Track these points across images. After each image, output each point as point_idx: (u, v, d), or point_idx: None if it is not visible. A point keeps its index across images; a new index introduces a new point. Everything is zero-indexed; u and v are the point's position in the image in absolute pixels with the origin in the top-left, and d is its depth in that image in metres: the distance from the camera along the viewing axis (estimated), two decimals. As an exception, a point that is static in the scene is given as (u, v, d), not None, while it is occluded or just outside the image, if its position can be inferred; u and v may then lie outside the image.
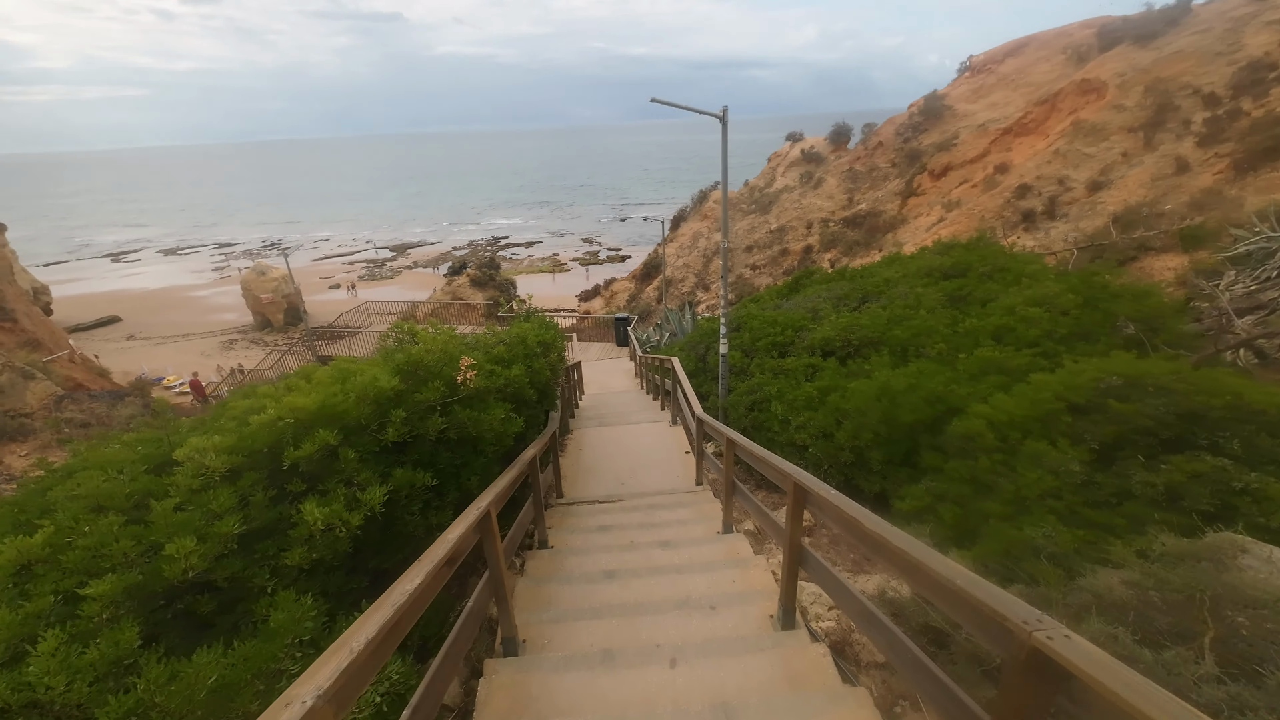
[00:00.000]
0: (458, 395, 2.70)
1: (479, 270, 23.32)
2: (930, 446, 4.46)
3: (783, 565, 2.70)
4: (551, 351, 4.80)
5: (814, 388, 5.39)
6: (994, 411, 4.22)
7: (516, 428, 3.22)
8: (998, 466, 3.83)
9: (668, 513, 4.65)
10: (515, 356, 4.11)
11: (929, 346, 5.97)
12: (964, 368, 5.16)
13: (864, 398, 4.79)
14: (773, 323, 7.63)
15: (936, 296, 7.61)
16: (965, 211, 14.57)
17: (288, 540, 1.98)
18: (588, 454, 6.44)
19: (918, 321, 6.64)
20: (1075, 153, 13.31)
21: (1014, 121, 16.85)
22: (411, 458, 2.58)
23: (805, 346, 6.79)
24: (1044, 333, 5.58)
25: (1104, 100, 13.88)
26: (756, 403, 6.01)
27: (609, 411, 8.68)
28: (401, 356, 2.62)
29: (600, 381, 12.99)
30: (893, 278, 9.15)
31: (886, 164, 21.79)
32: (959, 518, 3.71)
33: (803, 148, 29.61)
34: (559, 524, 4.51)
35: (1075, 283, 6.66)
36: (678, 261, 25.08)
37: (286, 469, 2.18)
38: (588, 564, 3.62)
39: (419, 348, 2.63)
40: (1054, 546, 3.05)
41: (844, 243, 18.87)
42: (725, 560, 3.55)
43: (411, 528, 2.42)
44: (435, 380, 2.61)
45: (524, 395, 3.90)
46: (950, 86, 22.38)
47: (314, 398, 2.27)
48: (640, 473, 5.88)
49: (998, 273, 8.03)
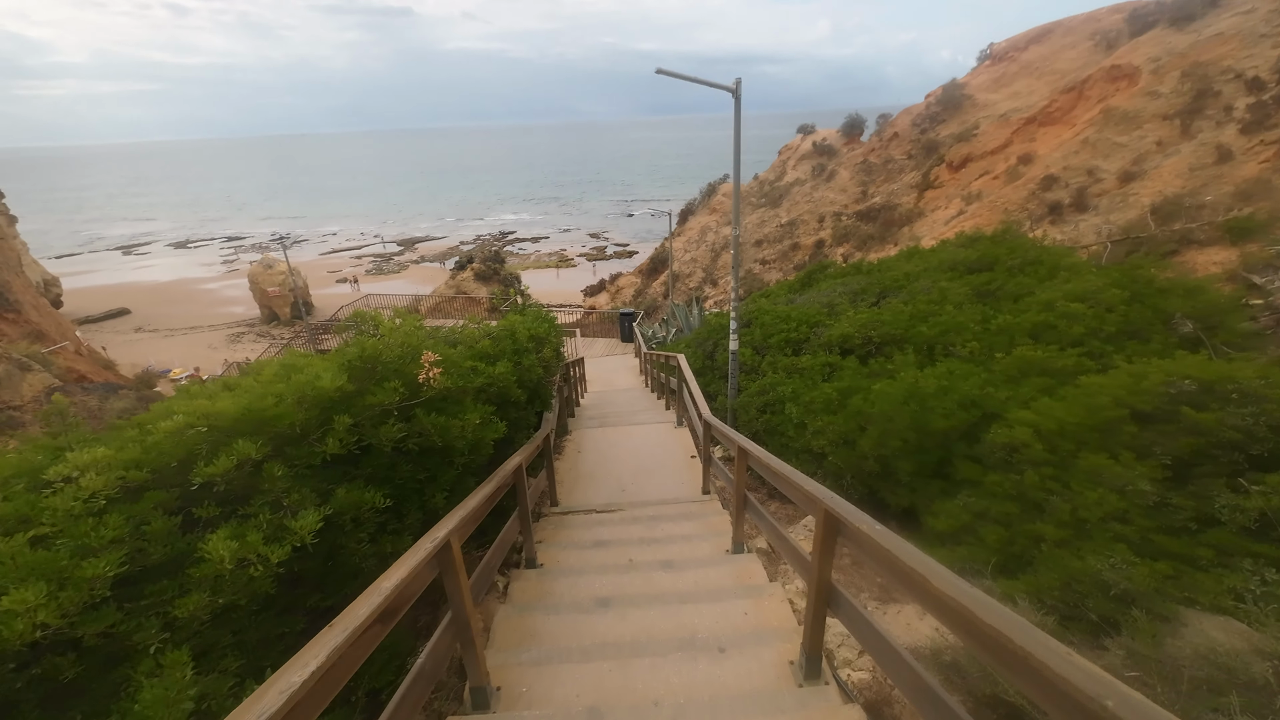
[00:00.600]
0: (420, 397, 2.27)
1: (483, 264, 22.96)
2: (965, 456, 3.99)
3: (808, 604, 2.25)
4: (545, 346, 4.37)
5: (833, 389, 4.92)
6: (1040, 418, 3.73)
7: (496, 433, 2.80)
8: (1048, 482, 3.35)
9: (671, 526, 4.21)
10: (502, 352, 3.69)
11: (959, 345, 5.48)
12: (1001, 369, 4.67)
13: (890, 401, 4.31)
14: (786, 318, 7.15)
15: (963, 291, 7.09)
16: (987, 204, 13.93)
17: (188, 581, 1.57)
18: (587, 457, 6.02)
19: (945, 318, 6.13)
20: (1105, 142, 12.61)
21: (1038, 110, 16.11)
22: (365, 472, 2.16)
23: (822, 344, 6.31)
24: (1088, 330, 5.06)
25: (1136, 86, 13.14)
26: (769, 404, 5.55)
27: (611, 411, 8.26)
28: (354, 350, 2.21)
29: (604, 379, 12.57)
30: (913, 272, 8.62)
31: (902, 156, 21.06)
32: (1004, 540, 3.25)
33: (814, 140, 28.89)
34: (551, 537, 4.10)
35: (1118, 277, 6.11)
36: (685, 256, 24.56)
37: (197, 489, 1.77)
38: (580, 588, 3.20)
39: (374, 340, 2.22)
40: (1126, 581, 2.58)
41: (857, 237, 18.24)
42: (736, 587, 3.11)
43: (360, 558, 2.00)
44: (393, 380, 2.18)
45: (510, 395, 3.48)
46: (970, 75, 21.54)
47: (237, 400, 1.86)
48: (642, 479, 5.45)
49: (1028, 266, 7.48)
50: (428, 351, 2.23)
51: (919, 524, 3.89)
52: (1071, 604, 2.66)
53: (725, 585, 3.16)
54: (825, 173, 23.74)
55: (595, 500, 4.98)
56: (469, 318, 3.82)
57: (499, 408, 3.52)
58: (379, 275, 46.70)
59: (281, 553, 1.67)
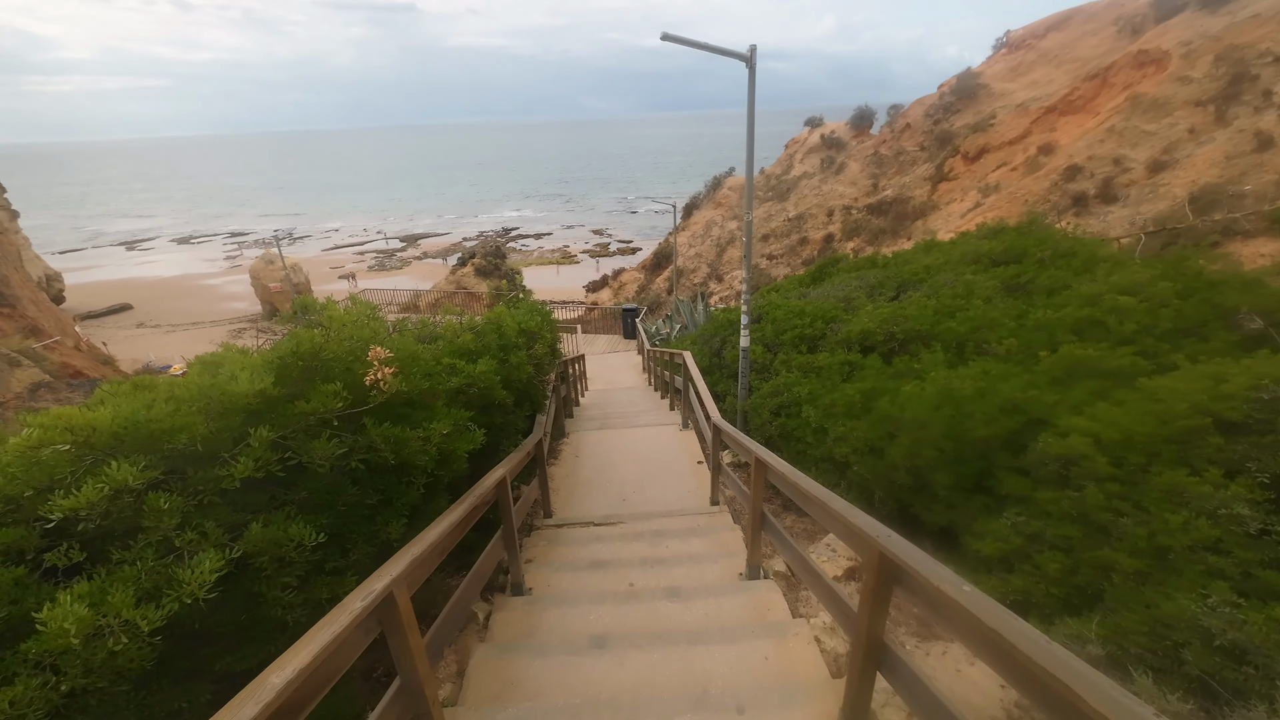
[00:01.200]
0: (370, 403, 1.84)
1: (484, 259, 22.56)
2: (1010, 469, 3.52)
3: (852, 662, 1.82)
4: (538, 342, 3.93)
5: (856, 390, 4.45)
6: (1100, 426, 3.26)
7: (472, 444, 2.36)
8: (1116, 501, 2.89)
9: (678, 543, 3.78)
10: (486, 348, 3.25)
11: (993, 342, 5.00)
12: (1045, 369, 4.18)
13: (922, 405, 3.85)
14: (800, 313, 6.68)
15: (991, 285, 6.59)
16: (1006, 196, 13.35)
17: (10, 663, 1.14)
18: (586, 462, 5.59)
19: (974, 312, 5.65)
20: (1133, 130, 12.01)
21: (1059, 99, 15.46)
22: (299, 497, 1.73)
23: (840, 341, 5.84)
24: (1140, 327, 4.57)
25: (1166, 72, 12.51)
26: (783, 407, 5.10)
27: (613, 411, 7.83)
28: (288, 344, 1.77)
29: (606, 377, 12.15)
30: (933, 265, 8.13)
31: (915, 147, 20.42)
32: (1066, 569, 2.79)
33: (822, 133, 28.24)
34: (543, 555, 3.67)
35: (1164, 270, 5.60)
36: (690, 251, 24.05)
37: (65, 526, 1.34)
38: (572, 621, 2.77)
39: (314, 333, 1.80)
40: (1233, 630, 2.12)
41: (868, 230, 17.68)
42: (754, 624, 2.67)
43: (284, 609, 1.57)
44: (334, 382, 1.75)
45: (494, 397, 3.04)
46: (986, 64, 20.83)
47: (117, 409, 1.43)
48: (646, 487, 5.02)
49: (1060, 258, 6.98)
50: (375, 347, 1.79)
51: (958, 545, 3.44)
52: (1163, 653, 2.21)
53: (741, 620, 2.72)
54: (834, 165, 23.11)
55: (593, 511, 4.55)
56: (446, 308, 3.38)
57: (482, 411, 3.08)
58: (381, 271, 46.48)
59: (159, 615, 1.24)
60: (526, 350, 3.80)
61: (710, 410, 4.59)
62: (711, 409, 4.61)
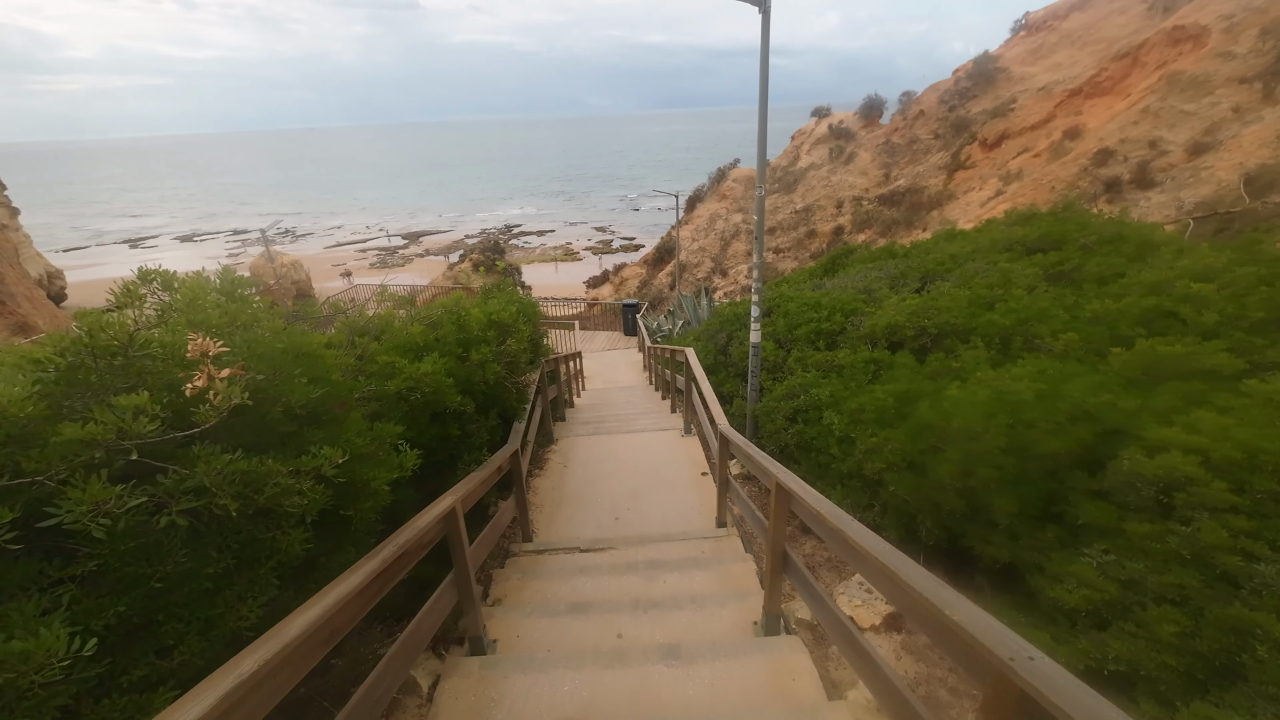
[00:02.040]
0: (206, 421, 1.21)
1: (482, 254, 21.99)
2: (1087, 492, 2.87)
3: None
4: (512, 337, 3.31)
5: (887, 393, 3.80)
6: (1207, 440, 2.60)
7: (395, 472, 1.74)
8: (1245, 540, 2.23)
9: (678, 577, 3.15)
10: (441, 343, 2.63)
11: (1045, 337, 4.32)
12: (1116, 368, 3.51)
13: (974, 411, 3.19)
14: (816, 305, 6.02)
15: (1030, 273, 5.90)
16: (1030, 183, 12.56)
17: None
18: (575, 473, 4.97)
19: (1016, 303, 4.98)
20: (1170, 110, 11.19)
21: (1085, 81, 14.60)
22: (84, 570, 1.12)
23: (863, 336, 5.18)
24: (1224, 318, 3.88)
25: (1205, 48, 11.66)
26: (800, 411, 4.44)
27: (609, 413, 7.20)
28: (48, 344, 1.16)
29: (605, 375, 11.53)
30: (959, 253, 7.45)
31: (929, 135, 19.58)
32: (1185, 631, 2.13)
33: (830, 123, 27.38)
34: (515, 593, 3.05)
35: (1238, 253, 4.90)
36: (693, 245, 23.35)
37: None
38: (541, 694, 2.15)
39: (110, 318, 1.19)
40: None
41: (880, 222, 16.90)
42: (774, 704, 2.04)
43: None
44: (140, 391, 1.12)
45: (446, 403, 2.42)
46: (1004, 47, 19.90)
47: None
48: (642, 502, 4.40)
49: (1105, 244, 6.27)
50: (197, 337, 1.15)
51: (1022, 586, 2.79)
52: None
53: (760, 700, 2.09)
54: (844, 155, 22.27)
55: (580, 533, 3.93)
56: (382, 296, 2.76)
57: (435, 421, 2.47)
58: (383, 268, 46.13)
59: None
60: (497, 346, 3.17)
61: (716, 416, 3.96)
62: (718, 415, 3.97)
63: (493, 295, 3.97)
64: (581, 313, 18.10)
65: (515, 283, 21.09)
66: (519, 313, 3.57)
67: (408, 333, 2.58)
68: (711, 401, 4.26)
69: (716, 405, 4.17)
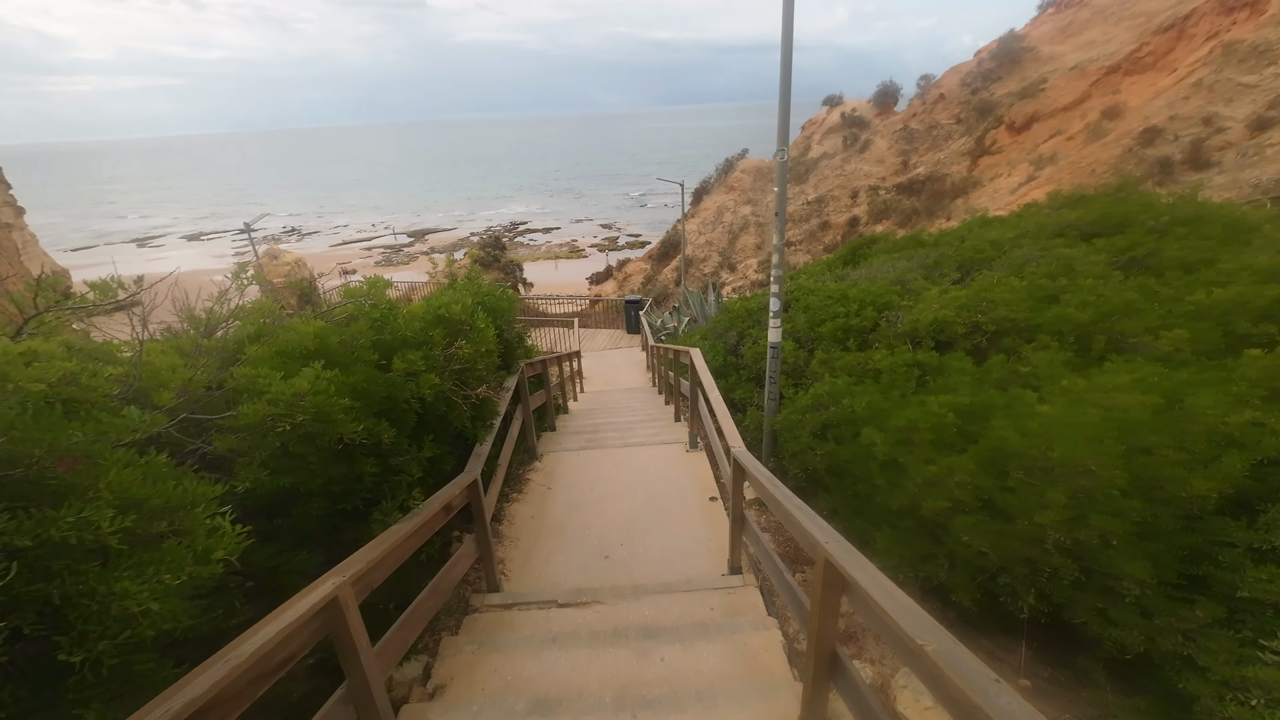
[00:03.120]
0: None
1: (483, 250, 21.31)
2: (1246, 549, 2.07)
3: None
4: (465, 338, 2.54)
5: (944, 405, 2.99)
6: None
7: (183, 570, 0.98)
8: None
9: (679, 653, 2.39)
10: (349, 345, 1.88)
11: (1138, 334, 3.49)
12: (1255, 375, 2.67)
13: (1076, 435, 2.38)
14: (842, 298, 5.21)
15: (1097, 260, 5.05)
16: (1066, 166, 11.57)
17: None
18: (560, 497, 4.22)
19: (1088, 295, 4.14)
20: (1226, 83, 10.15)
21: (1123, 57, 13.52)
22: None
23: (902, 334, 4.37)
24: (1380, 310, 3.04)
25: (1266, 14, 10.59)
26: (829, 426, 3.64)
27: (605, 422, 6.45)
28: None
29: (605, 376, 10.78)
30: (1000, 239, 6.59)
31: (950, 120, 18.50)
32: None
33: (843, 111, 26.30)
34: (464, 676, 2.31)
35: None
36: (699, 239, 22.48)
37: None
38: None
39: None
40: None
41: (899, 212, 15.93)
42: None
43: None
44: None
45: (336, 432, 1.68)
46: (1030, 25, 18.73)
47: None
48: (638, 536, 3.64)
49: (1178, 225, 5.40)
50: None
51: (1160, 684, 1.99)
52: None
53: None
54: (858, 143, 21.23)
55: (561, 578, 3.19)
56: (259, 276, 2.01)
57: (332, 461, 1.73)
58: (388, 266, 45.85)
59: None
60: (442, 350, 2.41)
61: (728, 433, 3.18)
62: (729, 431, 3.20)
63: (460, 284, 3.23)
64: (583, 310, 17.36)
65: (516, 279, 20.41)
66: (478, 306, 2.81)
67: (297, 333, 1.83)
68: (721, 414, 3.48)
69: (728, 419, 3.39)
